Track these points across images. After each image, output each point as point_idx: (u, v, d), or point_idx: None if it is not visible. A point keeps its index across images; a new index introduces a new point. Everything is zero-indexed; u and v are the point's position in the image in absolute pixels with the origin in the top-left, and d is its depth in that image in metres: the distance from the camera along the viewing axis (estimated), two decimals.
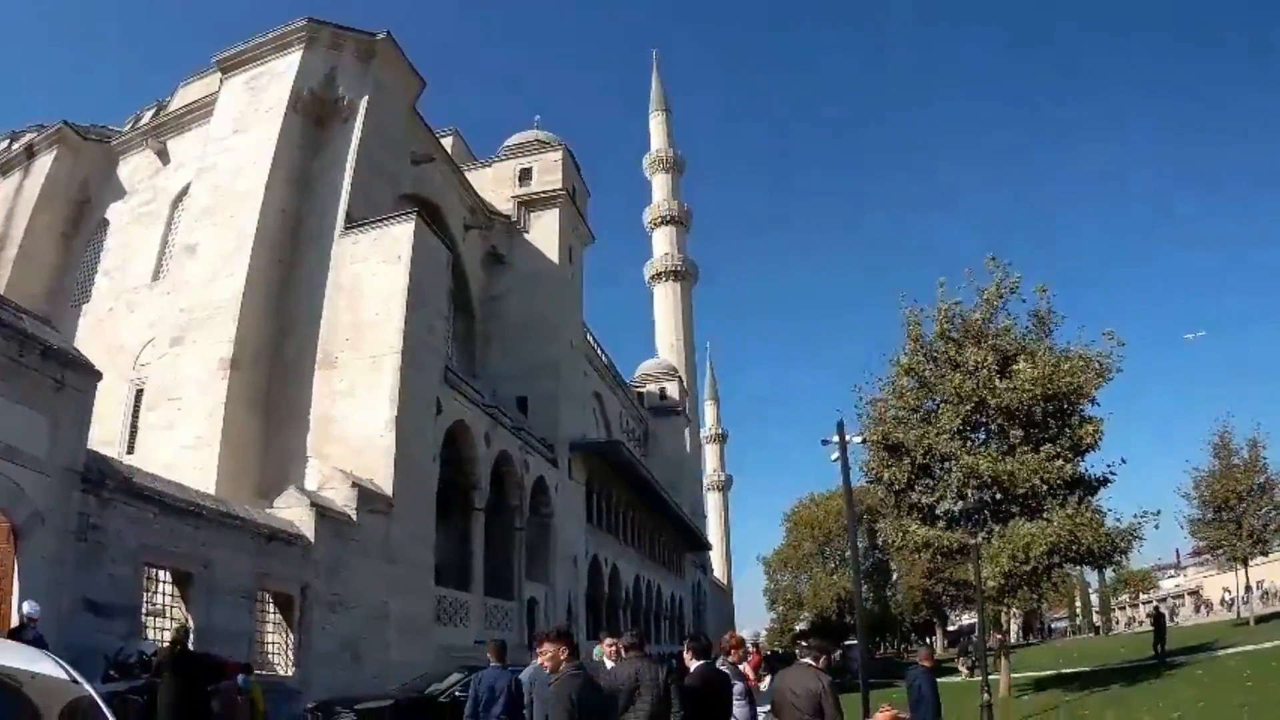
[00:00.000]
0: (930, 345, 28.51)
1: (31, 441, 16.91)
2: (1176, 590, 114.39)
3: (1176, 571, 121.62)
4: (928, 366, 28.40)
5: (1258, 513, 47.16)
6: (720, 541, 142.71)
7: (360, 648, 27.09)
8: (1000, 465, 25.95)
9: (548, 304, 50.57)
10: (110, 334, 37.10)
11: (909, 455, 27.57)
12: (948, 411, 27.29)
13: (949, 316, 28.22)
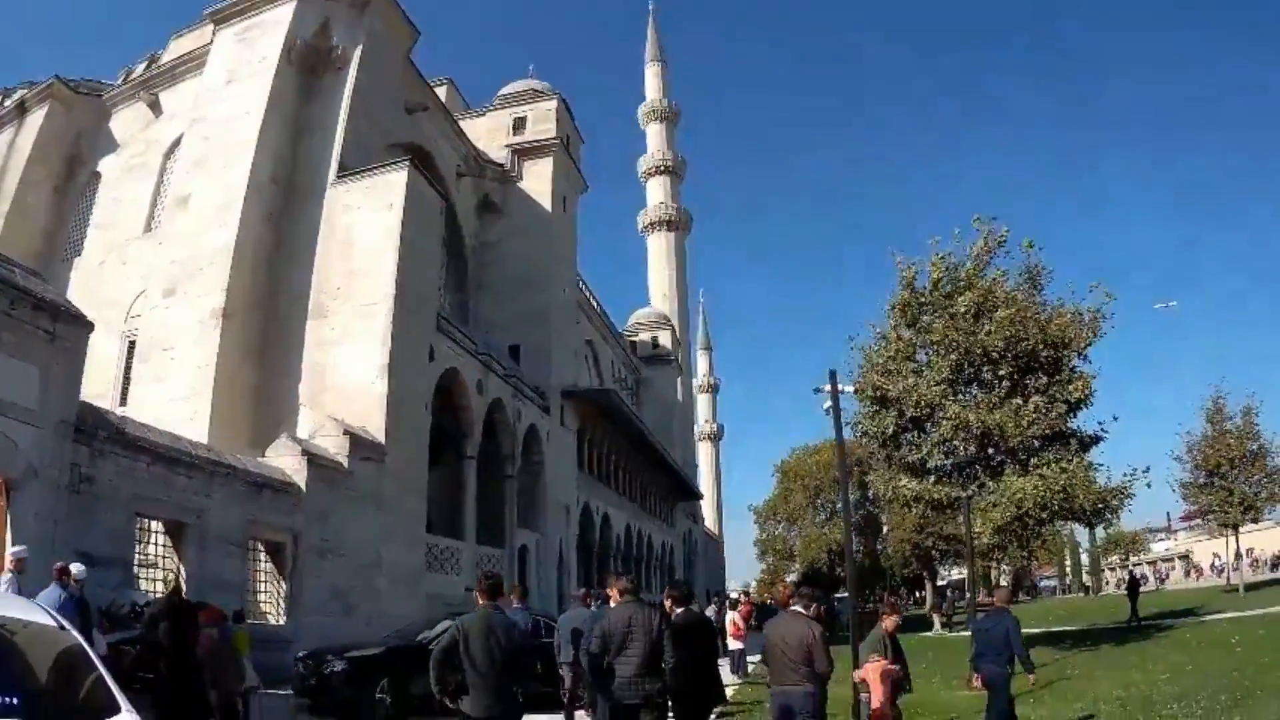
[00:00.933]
0: (922, 293, 28.44)
1: (23, 394, 16.92)
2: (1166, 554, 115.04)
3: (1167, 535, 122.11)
4: (920, 316, 28.35)
5: (1250, 480, 47.26)
6: (711, 491, 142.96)
7: (352, 596, 27.14)
8: (989, 416, 25.92)
9: (541, 252, 50.44)
10: (102, 286, 36.92)
11: (898, 407, 27.56)
12: (937, 360, 27.27)
13: (944, 266, 28.14)
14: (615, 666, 9.79)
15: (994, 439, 26.36)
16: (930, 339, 27.66)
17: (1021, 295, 27.88)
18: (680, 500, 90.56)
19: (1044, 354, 26.66)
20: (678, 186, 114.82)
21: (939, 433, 27.19)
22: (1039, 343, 26.43)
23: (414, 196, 33.78)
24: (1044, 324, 26.74)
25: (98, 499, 18.91)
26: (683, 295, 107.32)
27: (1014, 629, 12.81)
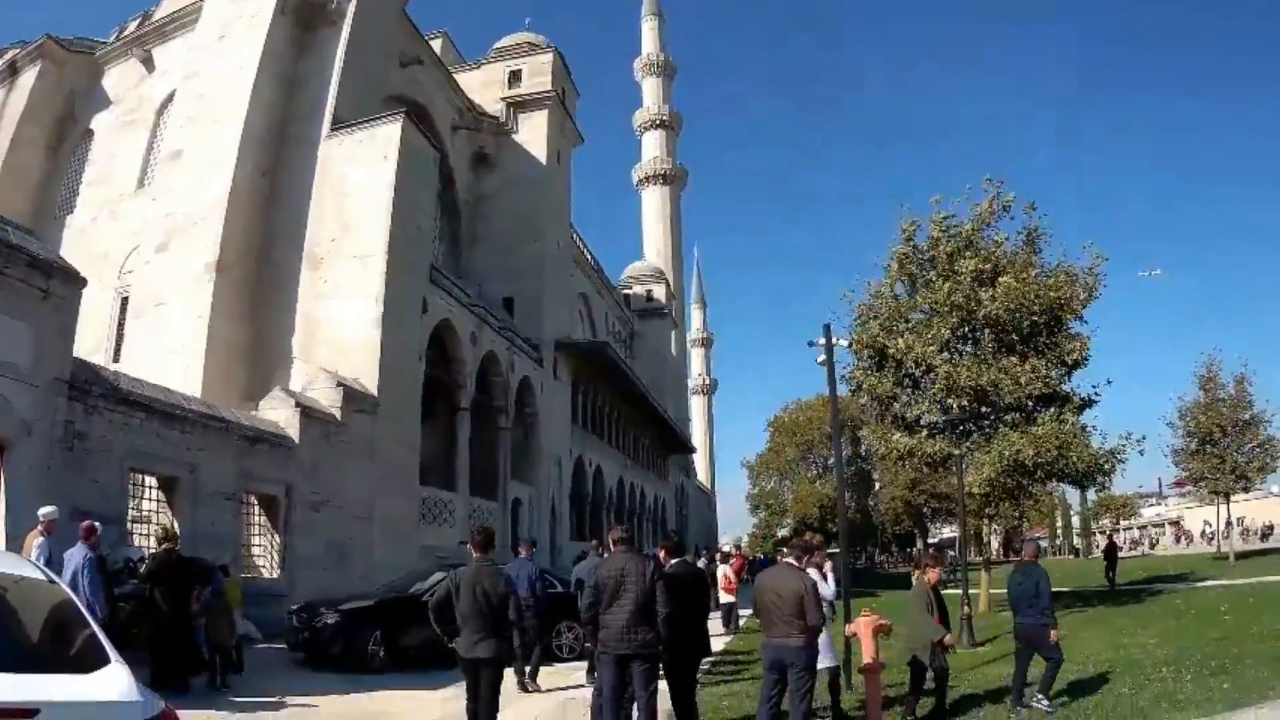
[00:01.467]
0: (923, 251, 28.40)
1: (16, 352, 16.90)
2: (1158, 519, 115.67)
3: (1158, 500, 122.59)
4: (920, 274, 28.31)
5: (1241, 449, 47.49)
6: (704, 445, 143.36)
7: (345, 548, 27.21)
8: (983, 376, 25.95)
9: (535, 205, 50.24)
10: (95, 243, 36.77)
11: (894, 364, 27.57)
12: (938, 322, 27.25)
13: (944, 227, 28.10)
14: (607, 617, 9.87)
15: (989, 398, 26.39)
16: (932, 298, 27.60)
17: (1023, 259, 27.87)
18: (673, 453, 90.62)
19: (1043, 318, 26.69)
20: (673, 141, 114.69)
21: (934, 390, 27.23)
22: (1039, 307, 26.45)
23: (408, 149, 33.56)
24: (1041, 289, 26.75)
25: (91, 455, 18.93)
26: (677, 249, 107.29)
27: (1044, 582, 13.02)
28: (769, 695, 10.21)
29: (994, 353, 27.01)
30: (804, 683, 9.91)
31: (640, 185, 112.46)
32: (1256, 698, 12.01)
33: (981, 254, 27.17)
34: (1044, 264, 28.25)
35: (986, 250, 27.38)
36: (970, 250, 27.35)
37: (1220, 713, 11.38)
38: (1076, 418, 26.96)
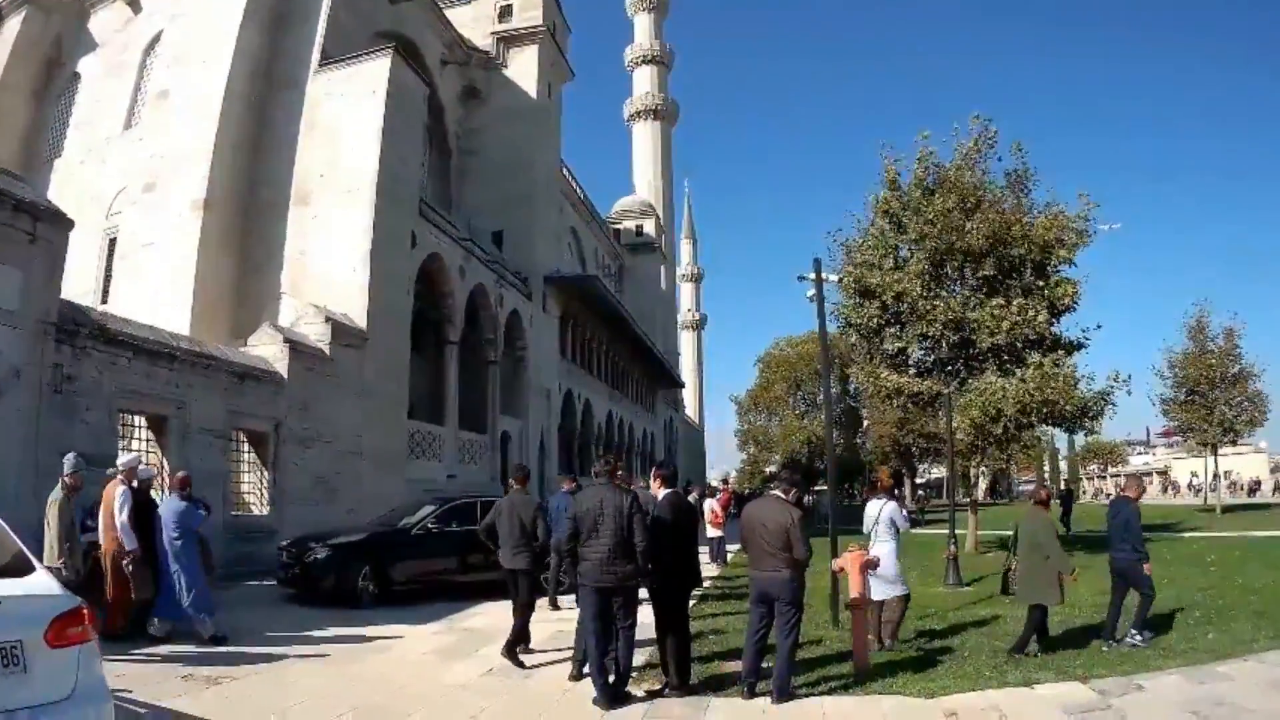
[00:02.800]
0: (905, 192, 28.36)
1: (4, 297, 16.90)
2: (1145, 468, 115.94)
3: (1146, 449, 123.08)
4: (903, 212, 28.26)
5: (1230, 402, 47.63)
6: (693, 380, 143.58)
7: (334, 483, 27.30)
8: (969, 313, 25.98)
9: (525, 140, 49.94)
10: (82, 185, 36.35)
11: (879, 299, 27.57)
12: (916, 254, 27.26)
13: (926, 167, 28.05)
14: (586, 550, 9.96)
15: (971, 334, 26.42)
16: (908, 237, 27.63)
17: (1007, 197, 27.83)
18: (662, 388, 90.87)
19: (1030, 257, 26.66)
20: (665, 77, 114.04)
21: (918, 328, 27.24)
22: (1024, 246, 26.42)
23: (397, 84, 33.40)
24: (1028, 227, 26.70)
25: (80, 397, 18.95)
26: (668, 185, 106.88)
27: (1134, 518, 13.16)
28: (756, 629, 10.26)
29: (976, 290, 27.04)
30: (791, 616, 9.91)
31: (631, 120, 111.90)
32: (1242, 649, 12.09)
33: (958, 190, 27.11)
34: (1032, 204, 28.23)
35: (965, 188, 27.30)
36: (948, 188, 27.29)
37: (1206, 663, 11.45)
38: (1069, 359, 27.03)
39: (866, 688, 10.54)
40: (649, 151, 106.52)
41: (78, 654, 6.09)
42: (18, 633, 5.75)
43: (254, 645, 13.17)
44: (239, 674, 11.25)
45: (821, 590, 15.02)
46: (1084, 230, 27.26)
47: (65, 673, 5.97)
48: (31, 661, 5.76)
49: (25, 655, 5.73)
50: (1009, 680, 10.70)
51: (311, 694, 10.23)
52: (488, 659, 12.57)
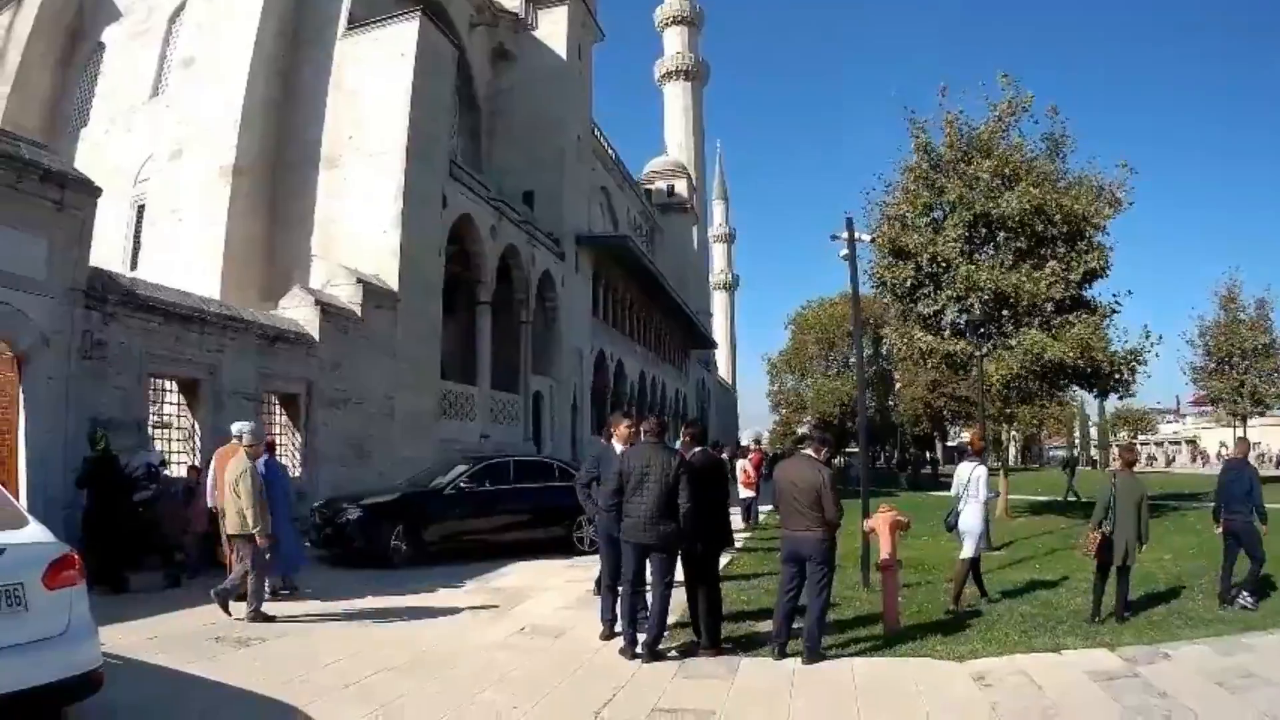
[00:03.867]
0: (937, 155, 28.02)
1: (32, 266, 17.05)
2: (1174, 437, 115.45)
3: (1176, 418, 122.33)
4: (935, 175, 27.94)
5: (1260, 373, 47.26)
6: (725, 341, 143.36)
7: (366, 444, 27.37)
8: (1004, 279, 25.76)
9: (555, 100, 49.71)
10: (109, 154, 36.23)
11: (914, 259, 27.33)
12: (952, 219, 26.98)
13: (956, 129, 27.71)
14: (630, 506, 9.97)
15: (1009, 300, 26.20)
16: (945, 199, 27.32)
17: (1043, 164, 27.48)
18: (694, 349, 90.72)
19: (1063, 227, 26.38)
20: (696, 37, 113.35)
21: (953, 290, 27.00)
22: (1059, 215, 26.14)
23: (425, 46, 33.28)
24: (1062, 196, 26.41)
25: (110, 362, 19.05)
26: (699, 145, 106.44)
27: (1255, 481, 13.33)
28: (787, 588, 10.27)
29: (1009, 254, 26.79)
30: (822, 575, 9.94)
31: (662, 81, 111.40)
32: (1269, 623, 12.03)
33: (996, 157, 26.82)
34: (1067, 171, 27.88)
35: (1002, 154, 27.00)
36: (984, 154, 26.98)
37: (1232, 634, 11.40)
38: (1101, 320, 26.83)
39: (896, 649, 10.53)
40: (680, 112, 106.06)
41: (70, 595, 6.90)
42: (20, 576, 6.52)
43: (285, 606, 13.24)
44: (269, 634, 11.30)
45: (853, 552, 14.99)
46: (1119, 200, 27.02)
47: (59, 612, 6.76)
48: (31, 601, 6.54)
49: (26, 596, 6.51)
50: (1036, 645, 10.72)
51: (342, 654, 10.26)
52: (520, 619, 12.62)
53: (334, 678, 9.30)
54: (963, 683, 9.27)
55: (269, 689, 8.74)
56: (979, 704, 8.63)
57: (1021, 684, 9.22)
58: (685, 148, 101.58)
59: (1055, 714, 8.30)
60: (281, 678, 9.14)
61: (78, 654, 6.81)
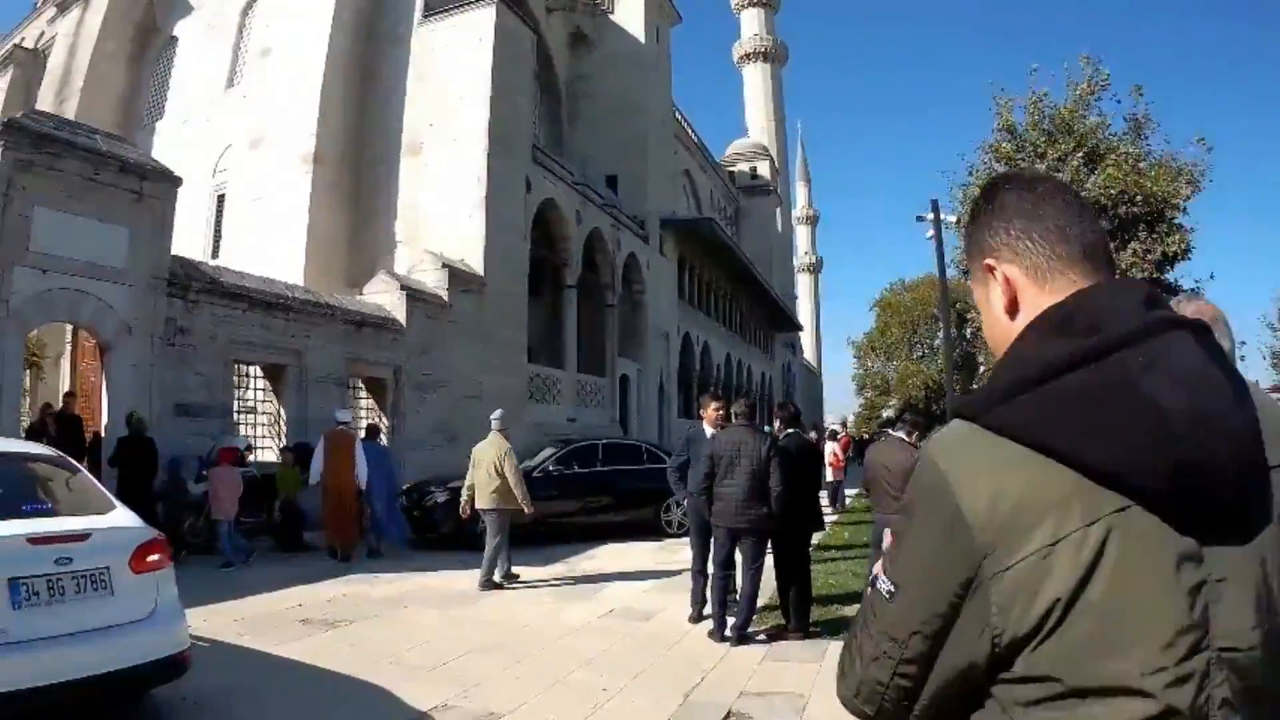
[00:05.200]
0: (1021, 135, 27.76)
1: (113, 255, 17.55)
2: None
3: None
4: (1017, 155, 27.68)
5: None
6: (811, 324, 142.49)
7: (453, 428, 27.45)
8: None
9: (635, 83, 49.66)
10: (187, 145, 36.66)
11: None
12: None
13: (1039, 108, 27.42)
14: (721, 489, 9.92)
15: None
16: None
17: (1126, 146, 27.11)
18: (780, 331, 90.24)
19: (1144, 211, 26.03)
20: (772, 18, 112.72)
21: None
22: (1141, 197, 25.78)
23: (503, 32, 33.28)
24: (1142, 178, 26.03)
25: (194, 349, 19.46)
26: (780, 127, 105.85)
27: None
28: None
29: None
30: None
31: (741, 63, 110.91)
32: None
33: (1077, 137, 26.50)
34: (1149, 151, 27.47)
35: (1083, 133, 26.67)
36: (1067, 135, 26.68)
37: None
38: None
39: None
40: (760, 94, 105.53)
41: (157, 579, 6.99)
42: (106, 560, 6.60)
43: (373, 588, 13.30)
44: (357, 616, 11.36)
45: None
46: (1197, 179, 26.58)
47: (146, 595, 6.84)
48: (118, 585, 6.61)
49: (112, 579, 6.58)
50: None
51: (430, 636, 10.28)
52: (608, 601, 12.60)
53: (423, 658, 9.31)
54: None
55: (360, 670, 8.76)
56: None
57: None
58: (766, 129, 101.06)
59: None
60: (371, 659, 9.16)
61: (165, 637, 6.88)
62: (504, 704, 7.99)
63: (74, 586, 6.30)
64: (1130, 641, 1.41)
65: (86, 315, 17.37)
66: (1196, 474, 1.41)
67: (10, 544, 6.06)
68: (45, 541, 6.28)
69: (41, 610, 6.07)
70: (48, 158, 16.43)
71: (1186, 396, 1.44)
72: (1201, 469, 1.41)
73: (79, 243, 16.82)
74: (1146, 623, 1.41)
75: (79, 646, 6.19)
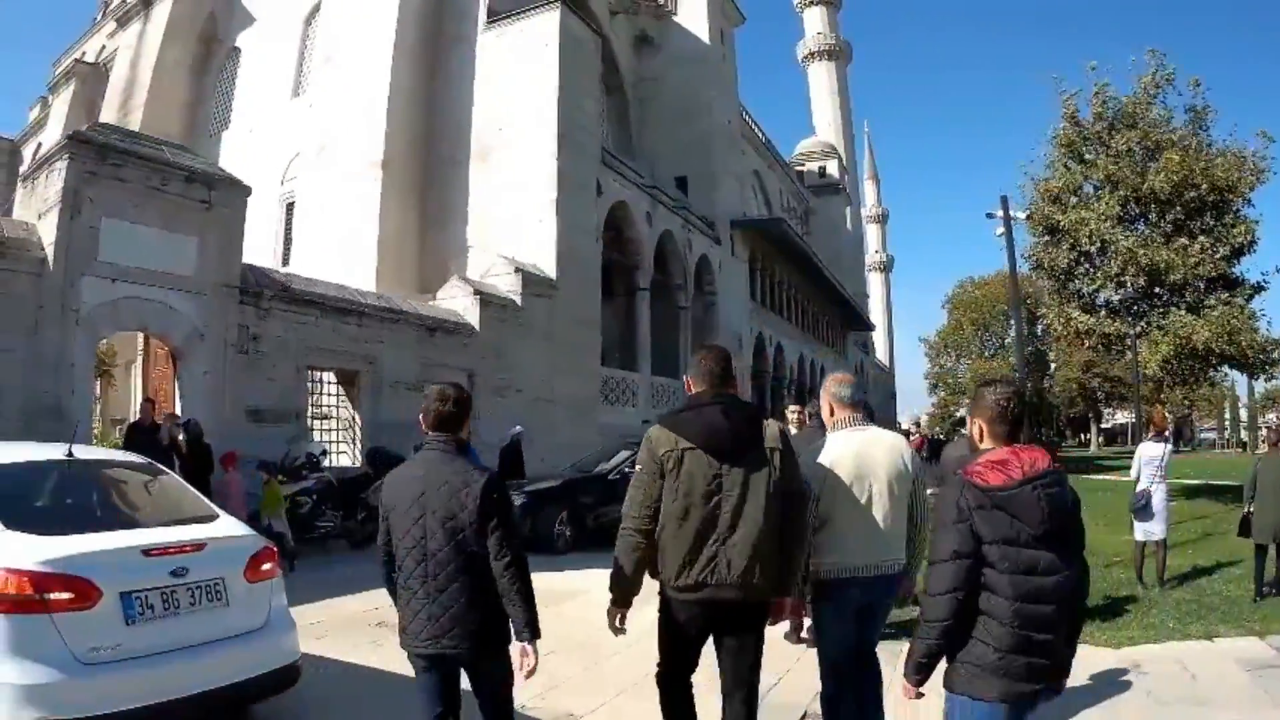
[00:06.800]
0: (1086, 127, 27.55)
1: (183, 264, 17.85)
2: None
3: None
4: (1084, 145, 27.48)
5: None
6: (882, 323, 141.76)
7: (528, 430, 27.46)
8: (1157, 254, 25.13)
9: (701, 84, 49.60)
10: (254, 154, 37.25)
11: (1069, 238, 26.86)
12: (1105, 196, 26.46)
13: (1103, 100, 27.20)
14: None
15: (1161, 277, 25.57)
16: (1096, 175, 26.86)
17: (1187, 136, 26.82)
18: (852, 331, 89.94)
19: (1209, 198, 25.69)
20: (835, 17, 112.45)
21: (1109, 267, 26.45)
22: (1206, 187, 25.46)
23: (568, 36, 33.42)
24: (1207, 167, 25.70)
25: (266, 356, 19.74)
26: (847, 125, 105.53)
27: None
28: None
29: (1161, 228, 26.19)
30: None
31: (805, 62, 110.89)
32: None
33: (1141, 129, 26.24)
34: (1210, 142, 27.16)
35: (1146, 126, 26.42)
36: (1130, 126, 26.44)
37: None
38: (1246, 302, 26.08)
39: None
40: (826, 92, 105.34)
41: (269, 588, 6.87)
42: (221, 570, 6.41)
43: None
44: None
45: None
46: (1262, 169, 26.20)
47: (259, 605, 6.72)
48: (233, 595, 6.45)
49: (227, 590, 6.42)
50: (1190, 633, 10.57)
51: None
52: None
53: None
54: (1119, 670, 9.21)
55: None
56: (1135, 692, 8.61)
57: (1175, 672, 9.21)
58: (834, 128, 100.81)
59: (1206, 703, 8.28)
60: None
61: (278, 647, 6.79)
62: (583, 705, 8.08)
63: (189, 599, 6.16)
64: (687, 495, 5.11)
65: (158, 323, 17.62)
66: (714, 439, 5.11)
67: (123, 556, 5.92)
68: (160, 553, 6.10)
69: (156, 624, 5.91)
70: (114, 169, 16.66)
71: (711, 420, 5.15)
72: (714, 438, 5.10)
73: (148, 252, 17.05)
74: (698, 491, 5.10)
75: (195, 660, 6.07)
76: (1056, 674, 4.16)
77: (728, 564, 5.09)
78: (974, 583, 3.98)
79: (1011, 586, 3.91)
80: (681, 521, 5.12)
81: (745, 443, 5.18)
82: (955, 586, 3.98)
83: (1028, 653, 3.95)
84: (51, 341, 15.77)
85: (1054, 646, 4.04)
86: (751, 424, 5.29)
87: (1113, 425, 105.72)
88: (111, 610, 5.67)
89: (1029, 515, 3.90)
